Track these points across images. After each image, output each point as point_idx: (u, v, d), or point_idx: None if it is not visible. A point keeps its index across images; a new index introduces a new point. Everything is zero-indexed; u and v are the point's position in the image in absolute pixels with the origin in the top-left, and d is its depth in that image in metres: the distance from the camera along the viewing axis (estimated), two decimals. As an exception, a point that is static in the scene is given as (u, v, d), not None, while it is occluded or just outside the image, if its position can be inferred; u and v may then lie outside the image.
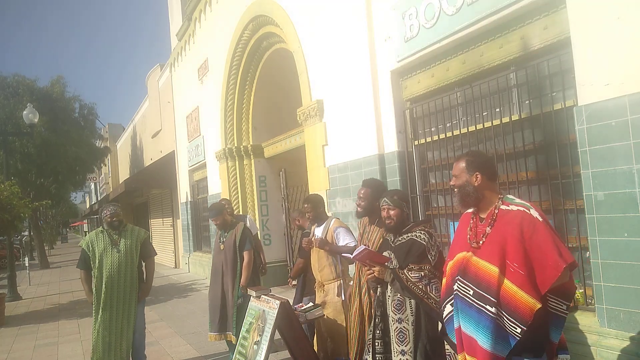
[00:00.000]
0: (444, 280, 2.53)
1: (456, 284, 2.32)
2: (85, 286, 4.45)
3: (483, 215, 2.36)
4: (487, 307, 2.17)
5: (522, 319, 2.08)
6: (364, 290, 3.54)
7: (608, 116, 2.96)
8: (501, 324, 2.13)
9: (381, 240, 3.42)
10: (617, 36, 2.93)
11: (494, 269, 2.17)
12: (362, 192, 3.58)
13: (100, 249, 4.33)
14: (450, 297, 2.43)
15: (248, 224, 5.82)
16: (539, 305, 2.07)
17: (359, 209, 3.61)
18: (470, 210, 2.47)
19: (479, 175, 2.35)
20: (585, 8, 3.09)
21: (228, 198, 8.00)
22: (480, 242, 2.27)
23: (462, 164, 2.40)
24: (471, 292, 2.24)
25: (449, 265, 2.47)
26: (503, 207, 2.30)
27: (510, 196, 2.38)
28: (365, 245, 3.26)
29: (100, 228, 4.52)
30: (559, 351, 2.28)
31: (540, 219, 2.17)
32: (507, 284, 2.14)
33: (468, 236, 2.38)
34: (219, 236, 4.97)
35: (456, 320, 2.34)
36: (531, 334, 2.11)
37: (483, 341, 2.16)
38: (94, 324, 4.34)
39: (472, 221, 2.42)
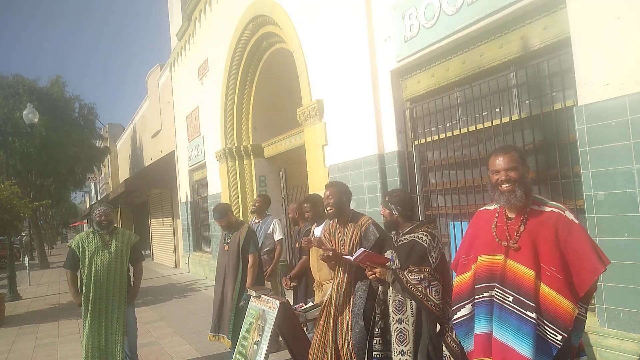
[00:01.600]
0: (464, 277, 2.37)
1: (493, 290, 2.19)
2: (71, 288, 4.37)
3: (511, 214, 2.22)
4: (528, 313, 2.06)
5: (563, 326, 1.99)
6: (336, 294, 3.48)
7: (608, 116, 2.96)
8: (542, 332, 2.05)
9: (358, 234, 3.41)
10: (617, 36, 2.93)
11: (530, 273, 2.08)
12: (328, 192, 3.54)
13: (91, 250, 4.27)
14: (469, 300, 2.30)
15: (270, 229, 5.67)
16: (577, 311, 2.01)
17: (329, 209, 3.53)
18: (491, 207, 2.35)
19: (528, 168, 2.23)
20: (585, 8, 3.09)
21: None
22: (515, 241, 2.15)
23: (517, 155, 2.19)
24: (511, 299, 2.12)
25: (475, 267, 2.30)
26: (534, 206, 2.19)
27: (540, 196, 2.28)
28: (363, 247, 3.26)
29: (91, 229, 4.46)
30: (579, 353, 2.23)
31: (576, 222, 2.08)
32: (545, 288, 2.05)
33: (495, 234, 2.24)
34: (223, 236, 4.94)
35: (483, 326, 2.22)
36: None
37: (523, 349, 2.05)
38: (83, 326, 4.29)
39: (496, 219, 2.27)
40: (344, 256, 3.54)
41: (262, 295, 3.95)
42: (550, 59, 3.52)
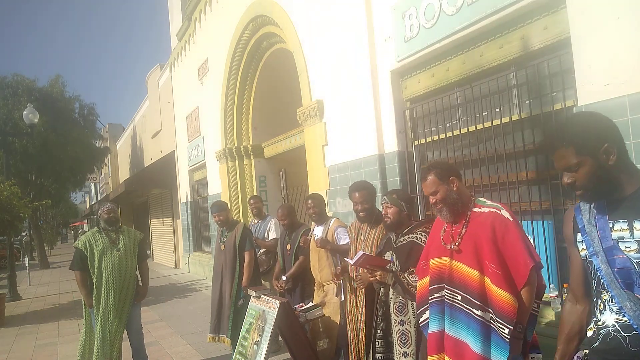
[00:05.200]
0: (424, 281, 2.50)
1: (443, 291, 2.32)
2: (82, 289, 4.29)
3: (455, 220, 2.37)
4: (474, 310, 2.19)
5: (507, 318, 2.09)
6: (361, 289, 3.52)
7: (608, 116, 2.95)
8: (495, 327, 2.15)
9: (381, 236, 3.39)
10: (617, 36, 2.92)
11: (474, 273, 2.21)
12: (358, 195, 3.47)
13: (99, 249, 4.23)
14: (426, 306, 2.43)
15: (269, 227, 5.67)
16: (518, 303, 2.10)
17: (361, 213, 3.47)
18: None
19: (454, 180, 2.37)
20: (585, 8, 3.09)
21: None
22: (457, 244, 2.28)
23: (432, 177, 2.38)
24: (459, 297, 2.25)
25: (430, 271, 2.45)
26: (475, 209, 2.33)
27: (482, 199, 2.41)
28: (363, 250, 3.26)
29: (97, 228, 4.44)
30: (532, 350, 2.30)
31: (511, 219, 2.21)
32: (489, 284, 2.17)
33: (442, 239, 2.38)
34: (219, 236, 4.98)
35: (435, 325, 2.35)
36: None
37: (474, 345, 2.17)
38: (94, 326, 4.26)
39: (445, 225, 2.42)
40: (345, 259, 3.54)
41: (262, 296, 3.95)
42: (550, 59, 3.52)
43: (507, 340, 2.08)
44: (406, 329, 2.86)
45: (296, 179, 8.27)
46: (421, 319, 2.49)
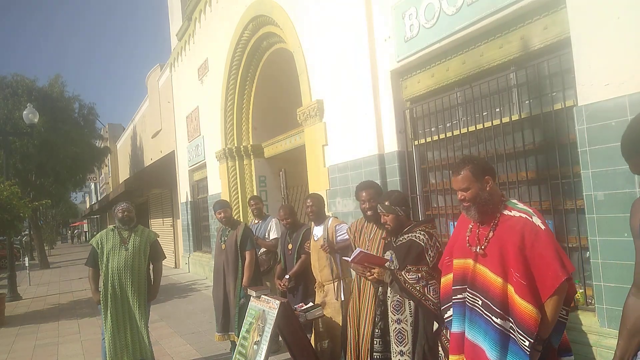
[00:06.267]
0: (448, 278, 2.45)
1: (465, 293, 2.27)
2: (92, 284, 4.42)
3: (485, 219, 2.28)
4: (493, 318, 2.13)
5: (528, 331, 2.02)
6: (365, 288, 3.51)
7: (608, 116, 2.96)
8: (514, 337, 2.09)
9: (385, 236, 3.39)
10: (617, 36, 2.92)
11: (498, 280, 2.12)
12: (365, 193, 3.45)
13: (108, 247, 4.33)
14: (450, 303, 2.39)
15: (269, 227, 5.67)
16: (540, 315, 2.03)
17: (369, 212, 3.42)
18: None
19: (489, 179, 2.24)
20: (585, 8, 3.09)
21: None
22: (483, 247, 2.20)
23: (467, 172, 2.22)
24: (480, 303, 2.19)
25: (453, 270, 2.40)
26: (505, 212, 2.22)
27: (514, 200, 2.31)
28: (368, 250, 3.25)
29: (112, 226, 4.54)
30: (563, 353, 2.25)
31: (543, 227, 2.11)
32: (512, 294, 2.09)
33: (467, 239, 2.31)
34: (219, 236, 4.99)
35: (457, 326, 2.31)
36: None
37: (490, 353, 2.12)
38: (104, 324, 4.33)
39: (471, 224, 2.33)
40: (343, 257, 3.54)
41: (262, 296, 3.95)
42: (550, 59, 3.52)
43: (528, 352, 2.02)
44: (402, 327, 2.86)
45: (296, 179, 8.27)
46: (446, 315, 2.46)
